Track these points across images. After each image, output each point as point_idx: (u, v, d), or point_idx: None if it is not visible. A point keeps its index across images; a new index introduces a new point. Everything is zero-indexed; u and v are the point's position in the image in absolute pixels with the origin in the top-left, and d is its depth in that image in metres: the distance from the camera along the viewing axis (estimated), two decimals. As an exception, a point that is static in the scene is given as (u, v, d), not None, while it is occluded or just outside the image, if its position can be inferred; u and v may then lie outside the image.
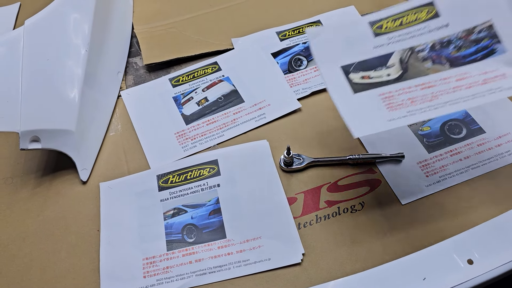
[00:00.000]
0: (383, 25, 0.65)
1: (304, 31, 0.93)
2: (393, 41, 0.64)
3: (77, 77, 0.74)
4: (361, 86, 0.61)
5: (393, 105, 0.57)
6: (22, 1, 1.07)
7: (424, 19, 0.64)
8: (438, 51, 0.63)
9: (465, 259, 0.54)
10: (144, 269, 0.63)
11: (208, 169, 0.72)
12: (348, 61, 0.63)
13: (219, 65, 0.88)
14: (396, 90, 0.59)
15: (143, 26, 0.98)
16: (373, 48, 0.64)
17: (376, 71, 0.62)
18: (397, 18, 0.65)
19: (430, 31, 0.63)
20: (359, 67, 0.62)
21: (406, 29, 0.64)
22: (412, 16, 0.64)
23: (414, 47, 0.63)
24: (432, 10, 0.64)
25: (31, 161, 0.76)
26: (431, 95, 0.58)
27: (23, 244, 0.66)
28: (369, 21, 0.65)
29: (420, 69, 0.61)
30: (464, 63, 0.61)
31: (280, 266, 0.61)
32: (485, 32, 0.62)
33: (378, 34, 0.64)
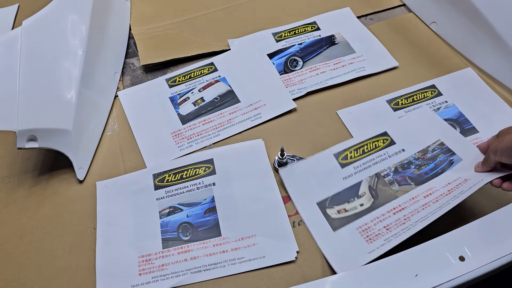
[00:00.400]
0: (347, 155, 0.71)
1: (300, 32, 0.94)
2: (359, 169, 0.70)
3: (74, 77, 0.75)
4: (339, 222, 0.65)
5: (371, 236, 0.62)
6: (21, 3, 1.07)
7: (382, 147, 0.72)
8: (402, 173, 0.68)
9: (457, 255, 0.54)
10: (140, 266, 0.63)
11: (204, 168, 0.72)
12: (323, 197, 0.67)
13: (215, 65, 0.89)
14: (372, 220, 0.64)
15: (141, 27, 0.99)
16: (343, 179, 0.69)
17: (349, 203, 0.66)
18: (358, 147, 0.72)
19: (390, 156, 0.71)
20: (333, 201, 0.67)
21: (369, 157, 0.71)
22: (371, 145, 0.72)
23: (379, 173, 0.69)
24: (387, 139, 0.73)
25: (28, 160, 0.76)
26: (404, 218, 0.63)
27: (20, 242, 0.67)
28: (334, 153, 0.72)
29: (389, 193, 0.66)
30: (428, 178, 0.67)
31: (275, 264, 0.62)
32: (438, 149, 0.70)
33: (345, 165, 0.70)
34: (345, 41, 0.92)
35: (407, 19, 0.97)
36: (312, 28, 0.95)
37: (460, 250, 0.54)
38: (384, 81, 0.85)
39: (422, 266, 0.54)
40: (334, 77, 0.85)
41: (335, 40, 0.92)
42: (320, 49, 0.91)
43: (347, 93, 0.83)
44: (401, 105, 0.80)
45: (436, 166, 0.68)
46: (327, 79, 0.85)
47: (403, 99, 0.80)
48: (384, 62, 0.87)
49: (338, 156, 0.72)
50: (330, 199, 0.67)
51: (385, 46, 0.90)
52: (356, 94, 0.83)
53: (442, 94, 0.81)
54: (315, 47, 0.91)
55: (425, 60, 0.88)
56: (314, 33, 0.94)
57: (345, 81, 0.84)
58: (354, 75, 0.85)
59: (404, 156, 0.71)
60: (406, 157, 0.70)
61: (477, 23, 0.83)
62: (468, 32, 0.86)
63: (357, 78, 0.85)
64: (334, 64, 0.87)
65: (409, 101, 0.80)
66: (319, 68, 0.87)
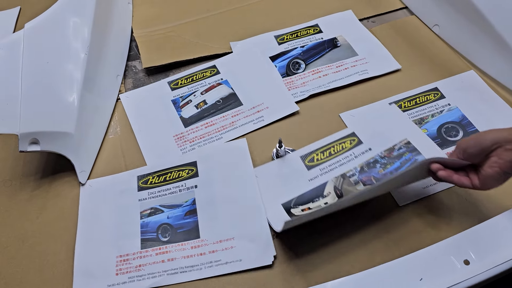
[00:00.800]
0: (314, 157, 0.72)
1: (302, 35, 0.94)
2: (325, 171, 0.70)
3: (76, 80, 0.75)
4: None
5: None
6: (22, 5, 1.07)
7: (349, 147, 0.73)
8: (367, 173, 0.69)
9: (462, 259, 0.54)
10: (117, 266, 0.63)
11: (187, 171, 0.72)
12: (287, 198, 0.68)
13: (217, 68, 0.89)
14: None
15: (143, 30, 0.99)
16: (308, 181, 0.69)
17: (314, 202, 0.67)
18: (325, 149, 0.73)
19: (356, 157, 0.71)
20: (298, 202, 0.67)
21: (335, 158, 0.72)
22: (338, 146, 0.73)
23: (345, 173, 0.69)
24: (355, 139, 0.74)
25: (30, 163, 0.76)
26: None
27: (22, 246, 0.66)
28: (301, 156, 0.73)
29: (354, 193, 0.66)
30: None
31: (251, 268, 0.62)
32: (404, 148, 0.71)
33: (311, 167, 0.71)
34: (348, 44, 0.91)
35: (409, 22, 0.97)
36: (314, 31, 0.95)
37: (465, 253, 0.54)
38: (386, 83, 0.84)
39: (426, 270, 0.54)
40: (337, 79, 0.85)
41: (337, 42, 0.92)
42: (323, 52, 0.91)
43: (349, 96, 0.83)
44: (404, 107, 0.79)
45: (401, 164, 0.69)
46: (330, 81, 0.85)
47: (406, 102, 0.80)
48: (387, 65, 0.87)
49: (304, 158, 0.72)
50: (295, 200, 0.68)
51: (388, 49, 0.90)
52: (358, 97, 0.83)
53: (445, 97, 0.81)
54: (318, 49, 0.91)
55: (428, 62, 0.88)
56: (316, 36, 0.94)
57: (347, 84, 0.84)
58: (357, 77, 0.85)
59: (370, 155, 0.71)
60: (372, 156, 0.71)
61: (480, 25, 0.83)
62: (470, 34, 0.86)
63: (359, 81, 0.85)
64: (337, 67, 0.87)
65: (412, 104, 0.80)
66: (321, 71, 0.87)
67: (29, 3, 1.08)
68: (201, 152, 0.75)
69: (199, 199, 0.69)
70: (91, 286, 0.62)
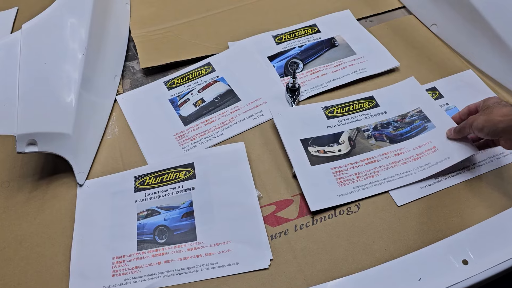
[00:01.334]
0: (334, 110, 0.79)
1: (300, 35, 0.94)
2: (343, 123, 0.77)
3: (74, 81, 0.74)
4: (317, 159, 0.72)
5: (343, 179, 0.69)
6: (20, 6, 1.07)
7: (367, 108, 0.79)
8: (380, 131, 0.75)
9: (460, 259, 0.54)
10: (114, 268, 0.63)
11: (184, 172, 0.72)
12: (306, 136, 0.75)
13: (212, 66, 0.89)
14: (346, 165, 0.71)
15: (140, 30, 0.98)
16: (326, 127, 0.76)
17: (329, 146, 0.74)
18: (345, 105, 0.79)
19: (373, 116, 0.78)
20: (315, 142, 0.74)
21: (353, 114, 0.78)
22: (357, 105, 0.79)
23: (360, 127, 0.76)
24: (373, 102, 0.80)
25: (28, 164, 0.76)
26: (374, 170, 0.70)
27: (20, 247, 0.66)
28: (322, 107, 0.79)
29: (365, 145, 0.74)
30: (402, 139, 0.74)
31: (248, 271, 0.62)
32: (416, 115, 0.76)
33: (330, 117, 0.78)
34: (346, 43, 0.91)
35: (407, 21, 0.97)
36: (312, 31, 0.95)
37: (464, 253, 0.54)
38: (384, 83, 0.84)
39: (425, 270, 0.54)
40: (335, 79, 0.85)
41: (335, 42, 0.92)
42: (321, 52, 0.91)
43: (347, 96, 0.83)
44: (402, 107, 0.80)
45: (412, 129, 0.74)
46: (328, 81, 0.85)
47: (404, 102, 0.80)
48: (385, 63, 0.87)
49: (325, 109, 0.79)
50: (313, 139, 0.74)
51: (386, 48, 0.90)
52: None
53: (443, 96, 0.80)
54: (316, 49, 0.91)
55: (426, 62, 0.88)
56: (314, 36, 0.94)
57: (345, 84, 0.84)
58: (355, 76, 0.85)
59: (385, 117, 0.77)
60: (386, 118, 0.77)
61: (477, 24, 0.83)
62: (468, 33, 0.86)
63: (357, 81, 0.85)
64: (335, 66, 0.87)
65: (410, 103, 0.80)
66: (319, 71, 0.87)
67: (26, 3, 1.08)
68: (198, 154, 0.75)
69: (196, 201, 0.69)
70: (87, 287, 0.61)
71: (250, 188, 0.70)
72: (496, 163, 0.70)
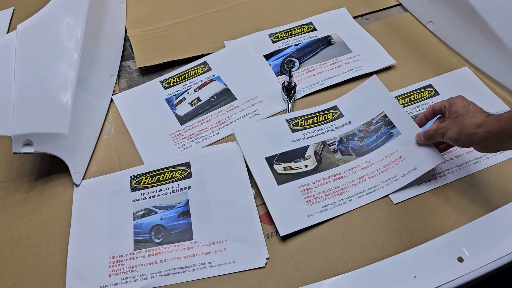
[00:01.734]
0: (298, 122, 0.77)
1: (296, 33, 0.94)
2: (308, 136, 0.75)
3: (70, 81, 0.74)
4: (284, 177, 0.70)
5: (311, 198, 0.67)
6: (16, 6, 1.07)
7: (331, 119, 0.78)
8: (345, 143, 0.74)
9: (455, 257, 0.54)
10: (110, 267, 0.63)
11: (181, 171, 0.72)
12: (271, 153, 0.73)
13: (208, 64, 0.89)
14: (313, 182, 0.69)
15: (136, 29, 0.98)
16: (292, 142, 0.75)
17: (295, 162, 0.72)
18: (309, 117, 0.78)
19: (337, 128, 0.76)
20: (281, 158, 0.72)
21: (318, 127, 0.77)
22: (321, 116, 0.78)
23: (325, 141, 0.75)
24: (336, 112, 0.78)
25: (24, 165, 0.76)
26: (341, 187, 0.69)
27: (17, 248, 0.66)
28: (286, 119, 0.77)
29: (332, 160, 0.72)
30: (368, 150, 0.72)
31: (244, 270, 0.62)
32: (381, 121, 0.75)
33: (295, 130, 0.76)
34: (342, 41, 0.91)
35: (403, 19, 0.97)
36: (308, 29, 0.95)
37: (459, 251, 0.55)
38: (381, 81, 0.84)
39: (420, 268, 0.54)
40: (331, 77, 0.85)
41: (331, 40, 0.92)
42: (317, 50, 0.90)
43: (344, 94, 0.83)
44: (399, 105, 0.79)
45: (377, 138, 0.73)
46: (324, 79, 0.85)
47: (401, 99, 0.80)
48: (381, 61, 0.87)
49: (289, 122, 0.77)
50: (279, 156, 0.72)
51: (382, 46, 0.90)
52: (353, 94, 0.82)
53: (439, 94, 0.81)
54: (312, 47, 0.91)
55: (422, 59, 0.88)
56: (310, 34, 0.94)
57: (342, 82, 0.84)
58: (351, 74, 0.85)
59: (350, 128, 0.76)
60: (351, 129, 0.76)
61: (473, 22, 0.83)
62: (464, 31, 0.86)
63: (354, 79, 0.85)
64: (331, 64, 0.87)
65: (406, 101, 0.80)
66: (315, 69, 0.87)
67: (22, 3, 1.07)
68: (194, 153, 0.75)
69: (192, 201, 0.69)
70: (84, 287, 0.62)
71: (246, 187, 0.70)
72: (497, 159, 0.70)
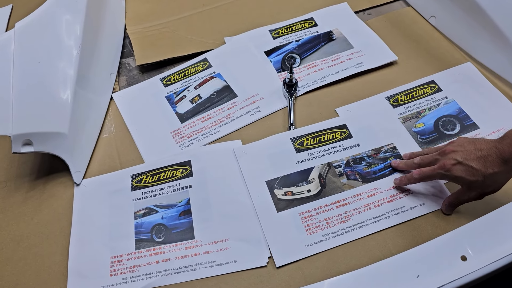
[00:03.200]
0: (304, 141, 0.73)
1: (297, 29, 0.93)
2: (313, 156, 0.71)
3: (69, 79, 0.74)
4: (284, 203, 0.66)
5: (312, 226, 0.64)
6: (15, 3, 1.06)
7: (339, 138, 0.73)
8: (352, 167, 0.70)
9: (459, 255, 0.53)
10: (112, 267, 0.63)
11: (181, 170, 0.72)
12: (273, 176, 0.69)
13: (209, 61, 0.88)
14: (315, 209, 0.66)
15: (136, 26, 0.97)
16: (295, 163, 0.71)
17: (298, 186, 0.68)
18: (316, 136, 0.74)
19: (345, 149, 0.72)
20: (282, 182, 0.69)
21: (324, 146, 0.72)
22: (328, 135, 0.74)
23: (331, 163, 0.71)
24: (345, 132, 0.74)
25: (25, 164, 0.75)
26: (345, 215, 0.65)
27: (18, 247, 0.66)
28: (291, 137, 0.74)
29: (336, 185, 0.68)
30: (375, 178, 0.69)
31: (245, 269, 0.61)
32: (390, 152, 0.72)
33: (300, 150, 0.72)
34: (343, 37, 0.90)
35: (405, 14, 0.96)
36: (309, 25, 0.94)
37: (462, 250, 0.54)
38: (383, 77, 0.84)
39: (424, 267, 0.54)
40: (333, 73, 0.84)
41: (333, 36, 0.91)
42: (318, 46, 0.90)
43: (345, 90, 0.82)
44: (401, 101, 0.79)
45: (385, 167, 0.70)
46: (326, 76, 0.84)
47: (403, 96, 0.80)
48: (383, 57, 0.86)
49: (294, 141, 0.73)
50: (280, 179, 0.69)
51: (384, 41, 0.89)
52: (354, 91, 0.82)
53: (441, 90, 0.80)
54: (313, 43, 0.90)
55: (424, 55, 0.87)
56: (311, 29, 0.93)
57: (343, 78, 0.83)
58: (353, 71, 0.84)
59: (358, 151, 0.72)
60: (359, 152, 0.72)
61: (476, 16, 0.82)
62: (467, 26, 0.85)
63: (355, 75, 0.84)
64: (332, 61, 0.86)
65: (408, 97, 0.79)
66: (317, 65, 0.86)
67: (21, 1, 1.07)
68: (195, 151, 0.74)
69: (193, 200, 0.69)
70: (85, 287, 0.61)
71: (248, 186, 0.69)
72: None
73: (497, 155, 0.56)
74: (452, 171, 0.59)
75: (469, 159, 0.58)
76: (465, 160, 0.58)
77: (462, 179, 0.58)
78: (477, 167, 0.57)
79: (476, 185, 0.58)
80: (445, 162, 0.59)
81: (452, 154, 0.60)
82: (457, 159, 0.58)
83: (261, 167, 0.71)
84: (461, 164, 0.58)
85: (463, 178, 0.58)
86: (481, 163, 0.57)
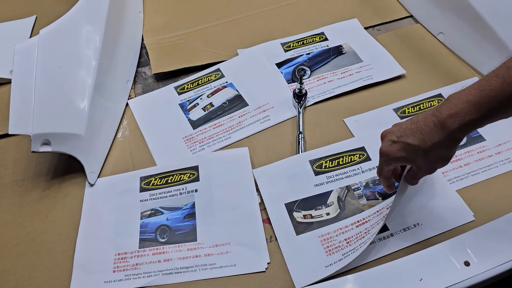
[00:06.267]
0: (322, 164, 0.73)
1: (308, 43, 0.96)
2: (332, 180, 0.71)
3: (88, 85, 0.77)
4: (303, 227, 0.66)
5: (331, 248, 0.63)
6: (38, 14, 1.11)
7: (357, 161, 0.73)
8: (372, 188, 0.69)
9: (462, 260, 0.54)
10: (115, 264, 0.65)
11: (189, 175, 0.74)
12: (292, 198, 0.69)
13: (222, 72, 0.91)
14: (334, 231, 0.65)
15: (153, 37, 1.01)
16: (314, 186, 0.70)
17: (316, 210, 0.67)
18: (334, 158, 0.73)
19: (363, 172, 0.71)
20: (301, 205, 0.68)
21: (343, 169, 0.72)
22: (347, 158, 0.73)
23: (350, 186, 0.70)
24: (364, 154, 0.73)
25: (42, 164, 0.78)
26: (364, 231, 0.63)
27: (32, 243, 0.68)
28: (310, 160, 0.73)
29: (356, 206, 0.67)
30: (394, 192, 0.64)
31: (244, 273, 0.62)
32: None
33: (318, 173, 0.72)
34: (353, 51, 0.93)
35: (414, 30, 0.98)
36: (320, 39, 0.97)
37: (465, 254, 0.55)
38: (391, 90, 0.85)
39: (426, 271, 0.54)
40: (341, 85, 0.86)
41: (342, 50, 0.93)
42: (328, 59, 0.92)
43: (354, 102, 0.84)
44: (408, 113, 0.80)
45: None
46: (335, 87, 0.86)
47: (410, 108, 0.81)
48: (391, 70, 0.88)
49: (313, 163, 0.73)
50: (299, 202, 0.69)
51: (392, 56, 0.91)
52: (363, 102, 0.84)
53: (448, 103, 0.81)
54: (323, 56, 0.93)
55: (432, 69, 0.89)
56: (322, 43, 0.95)
57: (352, 90, 0.85)
58: (361, 83, 0.86)
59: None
60: None
61: (484, 33, 0.84)
62: (474, 42, 0.87)
63: (364, 87, 0.86)
64: (342, 73, 0.89)
65: (415, 109, 0.81)
66: (326, 77, 0.88)
67: (44, 12, 1.11)
68: (203, 157, 0.76)
69: (198, 203, 0.70)
70: (89, 281, 0.63)
71: (252, 192, 0.71)
72: (502, 168, 0.71)
73: (434, 123, 0.49)
74: (390, 153, 0.53)
75: (404, 135, 0.52)
76: (400, 137, 0.52)
77: (404, 159, 0.53)
78: (414, 142, 0.51)
79: (420, 163, 0.52)
80: (382, 147, 0.55)
81: (388, 136, 0.54)
82: (392, 139, 0.53)
83: (280, 189, 0.70)
84: (396, 143, 0.53)
85: (405, 158, 0.52)
86: (417, 137, 0.50)
